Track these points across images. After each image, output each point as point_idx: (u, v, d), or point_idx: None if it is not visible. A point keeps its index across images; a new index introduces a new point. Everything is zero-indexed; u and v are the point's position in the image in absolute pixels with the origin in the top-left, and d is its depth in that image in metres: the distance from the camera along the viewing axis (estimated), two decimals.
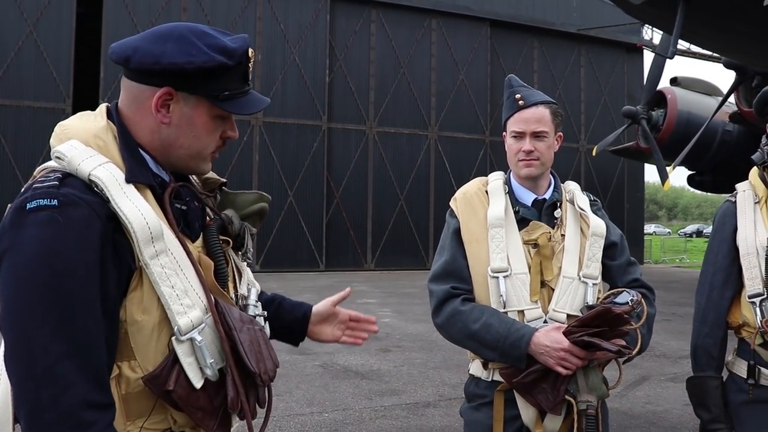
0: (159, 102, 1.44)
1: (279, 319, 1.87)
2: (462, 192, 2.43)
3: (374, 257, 23.19)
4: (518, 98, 2.32)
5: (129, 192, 1.36)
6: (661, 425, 5.86)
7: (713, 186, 19.34)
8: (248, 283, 1.64)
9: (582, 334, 2.07)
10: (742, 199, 2.48)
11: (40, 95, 19.33)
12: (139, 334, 1.36)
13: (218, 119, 1.50)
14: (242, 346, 1.41)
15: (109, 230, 1.31)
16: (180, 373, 1.36)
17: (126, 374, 1.36)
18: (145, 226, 1.34)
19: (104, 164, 1.36)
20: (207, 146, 1.51)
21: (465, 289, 2.28)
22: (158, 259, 1.36)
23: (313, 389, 6.82)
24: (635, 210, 28.54)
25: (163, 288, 1.35)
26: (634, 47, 27.55)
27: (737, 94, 13.98)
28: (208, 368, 1.39)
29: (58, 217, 1.26)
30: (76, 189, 1.31)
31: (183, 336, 1.37)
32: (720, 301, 2.48)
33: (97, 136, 1.42)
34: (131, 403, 1.37)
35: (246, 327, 1.46)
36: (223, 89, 1.46)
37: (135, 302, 1.35)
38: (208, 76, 1.44)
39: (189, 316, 1.38)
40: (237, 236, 1.62)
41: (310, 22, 22.54)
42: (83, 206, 1.29)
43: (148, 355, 1.36)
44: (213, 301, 1.44)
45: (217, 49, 1.43)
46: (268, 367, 1.48)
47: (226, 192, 1.69)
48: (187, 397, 1.37)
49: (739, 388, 2.44)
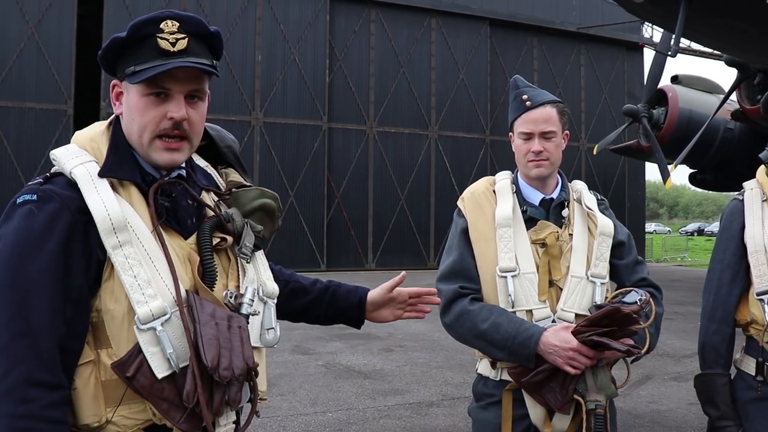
0: (113, 95, 1.57)
1: (334, 306, 1.99)
2: (470, 192, 2.43)
3: (375, 257, 23.18)
4: (525, 99, 2.32)
5: (100, 186, 1.44)
6: (665, 424, 5.86)
7: (715, 184, 19.31)
8: (252, 283, 1.62)
9: (591, 334, 2.07)
10: (749, 197, 2.48)
11: (41, 97, 19.33)
12: (112, 323, 1.42)
13: (151, 99, 1.49)
14: (201, 340, 1.41)
15: (80, 222, 1.41)
16: (142, 362, 1.39)
17: (104, 361, 1.42)
18: (106, 218, 1.41)
19: (85, 163, 1.47)
20: (144, 129, 1.50)
21: (473, 288, 2.28)
22: (121, 249, 1.42)
23: (317, 389, 6.82)
24: (636, 208, 28.54)
25: (124, 277, 1.41)
26: (635, 45, 27.52)
27: (739, 91, 13.96)
28: (171, 359, 1.41)
29: (34, 209, 1.39)
30: (57, 186, 1.43)
31: (143, 325, 1.40)
32: (728, 299, 2.48)
33: (93, 139, 1.54)
34: (109, 390, 1.42)
35: (216, 322, 1.45)
36: (129, 65, 1.48)
37: (108, 291, 1.42)
38: (120, 56, 1.50)
39: (149, 306, 1.41)
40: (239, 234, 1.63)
41: (310, 22, 22.52)
42: (56, 200, 1.40)
43: (120, 343, 1.41)
44: (184, 295, 1.45)
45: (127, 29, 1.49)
46: (234, 364, 1.44)
47: (234, 191, 1.70)
48: (150, 387, 1.40)
49: (748, 386, 2.44)
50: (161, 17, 1.49)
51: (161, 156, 1.52)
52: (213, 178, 1.73)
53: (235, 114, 20.86)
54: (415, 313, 2.08)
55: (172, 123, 1.50)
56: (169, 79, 1.48)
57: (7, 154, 18.92)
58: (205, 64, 1.50)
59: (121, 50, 1.49)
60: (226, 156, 1.78)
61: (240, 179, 1.72)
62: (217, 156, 1.78)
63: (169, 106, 1.50)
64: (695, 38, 9.02)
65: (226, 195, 1.68)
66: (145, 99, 1.49)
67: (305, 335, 9.63)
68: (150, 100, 1.49)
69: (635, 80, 27.86)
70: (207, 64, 1.51)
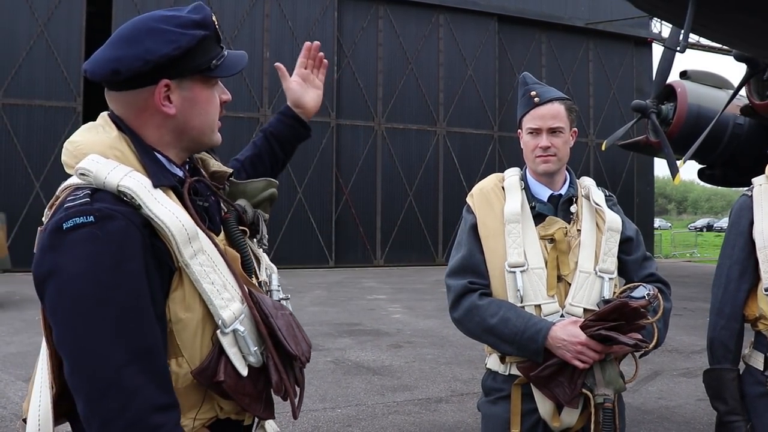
0: (161, 97, 1.46)
1: (283, 140, 2.07)
2: (478, 188, 2.45)
3: (383, 253, 23.20)
4: (533, 95, 2.34)
5: (159, 197, 1.38)
6: (673, 420, 5.86)
7: (724, 179, 19.20)
8: (267, 269, 1.67)
9: (599, 328, 2.08)
10: (758, 192, 2.49)
11: (51, 94, 19.44)
12: (185, 332, 1.39)
13: (212, 88, 1.54)
14: (281, 332, 1.46)
15: (147, 236, 1.34)
16: (227, 364, 1.40)
17: (174, 371, 1.39)
18: (182, 228, 1.37)
19: (129, 173, 1.37)
20: (214, 118, 1.56)
21: (482, 283, 2.30)
22: (197, 258, 1.39)
23: (326, 385, 6.85)
24: (645, 204, 28.45)
25: (205, 285, 1.39)
26: (643, 41, 27.40)
27: (748, 87, 13.87)
28: (252, 356, 1.44)
29: (98, 232, 1.28)
30: (107, 202, 1.32)
31: (227, 328, 1.40)
32: (736, 294, 2.49)
33: (114, 147, 1.43)
34: (182, 398, 1.40)
35: (280, 313, 1.51)
36: (209, 60, 1.50)
37: (177, 301, 1.39)
38: (195, 53, 1.47)
39: (231, 309, 1.42)
40: (252, 224, 1.67)
41: (318, 19, 22.54)
42: (119, 218, 1.30)
43: (194, 351, 1.40)
44: (247, 292, 1.47)
45: (191, 25, 1.46)
46: (303, 349, 1.53)
47: (236, 182, 1.72)
48: (235, 386, 1.41)
49: (756, 381, 2.45)
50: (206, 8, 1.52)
51: (218, 136, 1.59)
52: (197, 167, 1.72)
53: (243, 111, 20.91)
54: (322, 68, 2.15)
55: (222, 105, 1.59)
56: None
57: (17, 151, 19.04)
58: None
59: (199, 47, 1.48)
60: None
61: (222, 167, 1.71)
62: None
63: (217, 90, 1.57)
64: (704, 34, 8.98)
65: (221, 187, 1.68)
66: (210, 89, 1.54)
67: (314, 331, 9.67)
68: (212, 90, 1.55)
69: (644, 76, 27.74)
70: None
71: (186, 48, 1.44)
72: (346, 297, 14.29)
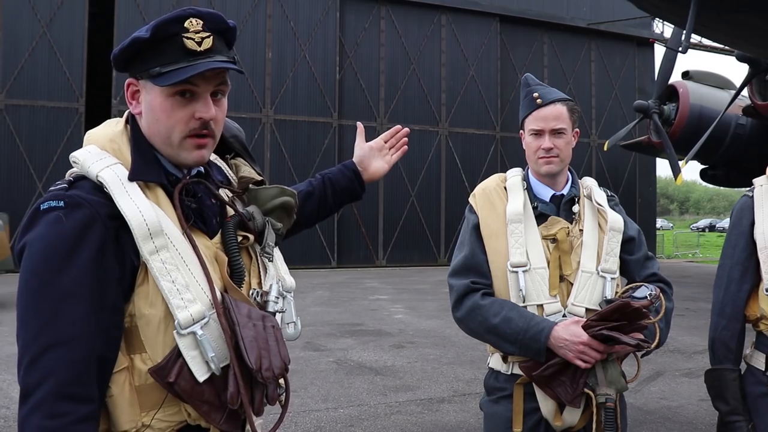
0: (128, 94, 1.52)
1: (337, 190, 2.10)
2: (481, 188, 2.46)
3: (386, 253, 23.21)
4: (536, 97, 2.35)
5: (131, 190, 1.41)
6: (675, 420, 5.86)
7: (726, 180, 19.22)
8: (274, 279, 1.62)
9: (601, 328, 2.09)
10: (759, 193, 2.50)
11: (53, 95, 19.47)
12: (147, 328, 1.40)
13: (176, 98, 1.45)
14: (243, 342, 1.41)
15: (111, 228, 1.38)
16: (183, 366, 1.38)
17: (138, 366, 1.41)
18: (143, 223, 1.38)
19: (112, 165, 1.43)
20: (172, 129, 1.47)
21: (484, 283, 2.31)
22: (158, 254, 1.40)
23: (328, 385, 6.86)
24: (647, 204, 28.44)
25: (163, 283, 1.39)
26: (645, 41, 27.38)
27: (750, 87, 13.89)
28: (211, 362, 1.40)
29: (63, 217, 1.35)
30: (83, 190, 1.39)
31: (183, 330, 1.39)
32: (737, 294, 2.50)
33: (113, 140, 1.49)
34: (144, 395, 1.41)
35: (253, 323, 1.46)
36: (154, 66, 1.44)
37: (142, 296, 1.40)
38: (140, 56, 1.45)
39: (189, 311, 1.40)
40: (262, 232, 1.62)
41: (320, 19, 22.56)
42: (85, 207, 1.36)
43: (156, 348, 1.40)
44: (218, 297, 1.45)
45: (147, 28, 1.45)
46: (274, 364, 1.46)
47: (252, 188, 1.70)
48: (191, 390, 1.39)
49: (757, 381, 2.46)
50: (185, 15, 1.45)
51: (192, 155, 1.50)
52: (224, 171, 1.71)
53: (245, 111, 20.92)
54: (399, 152, 2.22)
55: (201, 123, 1.47)
56: (197, 79, 1.44)
57: (20, 152, 19.07)
58: (231, 61, 1.49)
59: (142, 50, 1.45)
60: (232, 146, 1.75)
61: (252, 173, 1.70)
62: (223, 146, 1.74)
63: (196, 105, 1.47)
64: (706, 34, 8.98)
65: (241, 192, 1.67)
66: (171, 99, 1.45)
67: (316, 332, 9.68)
68: (176, 101, 1.45)
69: (646, 76, 27.72)
70: (232, 61, 1.49)
71: (123, 48, 1.46)
72: (348, 297, 14.29)
